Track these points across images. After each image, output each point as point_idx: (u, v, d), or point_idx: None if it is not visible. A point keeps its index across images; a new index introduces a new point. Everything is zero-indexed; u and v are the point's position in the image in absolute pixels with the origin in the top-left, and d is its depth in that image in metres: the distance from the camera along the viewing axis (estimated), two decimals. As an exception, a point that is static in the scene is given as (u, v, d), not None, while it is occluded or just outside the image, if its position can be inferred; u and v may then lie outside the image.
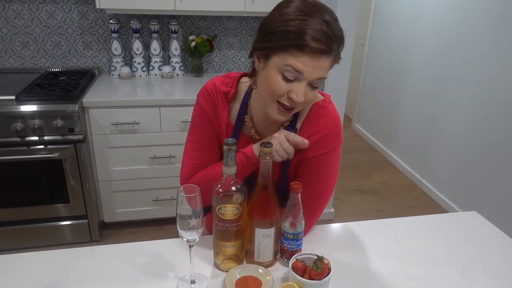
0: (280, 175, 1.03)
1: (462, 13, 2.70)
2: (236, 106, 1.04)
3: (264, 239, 0.92)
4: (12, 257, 0.98)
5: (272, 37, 0.84)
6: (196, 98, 1.06)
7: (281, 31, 0.82)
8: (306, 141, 0.96)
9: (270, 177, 0.89)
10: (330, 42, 0.81)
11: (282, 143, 0.95)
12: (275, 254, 0.97)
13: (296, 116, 1.00)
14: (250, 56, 0.93)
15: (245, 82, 1.05)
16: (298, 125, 1.01)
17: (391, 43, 3.65)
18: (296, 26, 0.80)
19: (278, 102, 0.89)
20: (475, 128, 2.63)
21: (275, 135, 0.96)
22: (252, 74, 1.01)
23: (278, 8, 0.86)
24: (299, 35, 0.80)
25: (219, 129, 1.04)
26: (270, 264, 0.97)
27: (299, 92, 0.85)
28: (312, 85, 0.87)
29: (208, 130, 1.04)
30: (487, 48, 2.50)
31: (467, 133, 2.71)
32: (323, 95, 1.03)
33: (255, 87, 0.99)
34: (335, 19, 0.84)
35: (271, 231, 0.92)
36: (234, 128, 1.04)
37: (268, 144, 0.87)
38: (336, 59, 0.87)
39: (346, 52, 2.25)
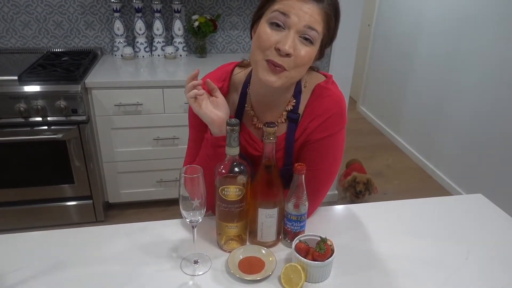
0: (284, 161, 1.01)
1: (473, -9, 2.63)
2: (235, 98, 1.01)
3: (267, 219, 0.92)
4: (18, 236, 0.99)
5: (264, 1, 0.86)
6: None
7: None
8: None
9: (274, 158, 0.88)
10: None
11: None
12: (278, 234, 0.97)
13: (298, 101, 0.97)
14: (251, 35, 0.91)
15: (239, 73, 1.02)
16: (301, 109, 0.98)
17: (399, 24, 3.57)
18: None
19: (267, 60, 0.84)
20: (482, 111, 2.59)
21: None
22: (242, 63, 1.01)
23: None
24: None
25: None
26: (273, 244, 0.97)
27: (286, 41, 0.81)
28: (302, 37, 0.82)
29: (199, 127, 1.00)
30: (497, 30, 2.44)
31: (474, 116, 2.67)
32: (325, 75, 1.00)
33: (247, 60, 0.98)
34: None
35: (274, 211, 0.91)
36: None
37: (272, 124, 0.86)
38: (328, 18, 0.84)
39: (352, 32, 2.23)
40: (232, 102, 1.01)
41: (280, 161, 1.01)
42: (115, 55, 2.50)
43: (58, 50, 2.47)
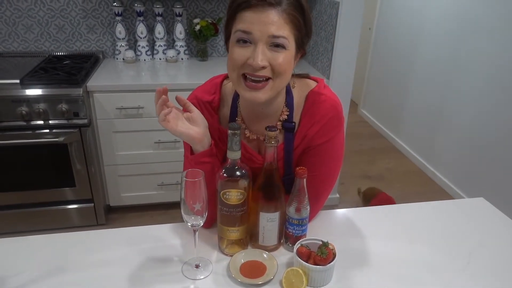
0: (284, 171, 1.01)
1: (474, -5, 2.63)
2: (226, 111, 1.00)
3: (268, 223, 0.92)
4: (19, 239, 0.99)
5: (227, 18, 0.86)
6: (199, 83, 1.04)
7: (228, 6, 0.84)
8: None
9: (276, 161, 0.89)
10: None
11: None
12: (280, 238, 0.97)
13: (291, 110, 0.97)
14: (227, 50, 0.90)
15: (228, 85, 1.01)
16: (296, 118, 0.97)
17: (399, 27, 3.58)
18: None
19: (244, 78, 0.85)
20: (483, 114, 2.59)
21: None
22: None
23: None
24: None
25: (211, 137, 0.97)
26: (275, 248, 0.97)
27: (255, 55, 0.80)
28: (273, 45, 0.81)
29: None
30: (498, 32, 2.44)
31: (475, 119, 2.67)
32: (316, 80, 1.00)
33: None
34: None
35: (276, 215, 0.91)
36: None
37: (273, 128, 0.86)
38: (293, 17, 0.81)
39: (353, 36, 2.23)
40: (223, 115, 1.01)
41: (280, 171, 1.00)
42: (117, 59, 2.51)
43: (60, 53, 2.47)
